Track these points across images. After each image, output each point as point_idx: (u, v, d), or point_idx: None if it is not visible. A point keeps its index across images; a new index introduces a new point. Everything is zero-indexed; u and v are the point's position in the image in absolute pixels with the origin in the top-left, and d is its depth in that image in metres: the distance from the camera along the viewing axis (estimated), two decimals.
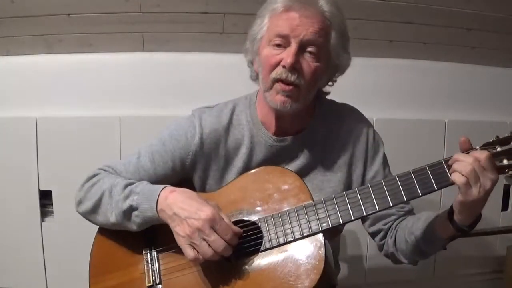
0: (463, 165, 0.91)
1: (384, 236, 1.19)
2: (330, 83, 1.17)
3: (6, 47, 1.79)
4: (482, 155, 0.91)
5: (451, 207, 0.99)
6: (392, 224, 1.17)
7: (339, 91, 1.20)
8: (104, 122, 1.82)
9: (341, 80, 1.18)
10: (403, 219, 1.16)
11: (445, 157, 0.96)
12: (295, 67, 1.03)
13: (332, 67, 1.11)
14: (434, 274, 2.13)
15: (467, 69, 2.15)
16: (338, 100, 1.25)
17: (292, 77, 1.03)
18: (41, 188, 1.79)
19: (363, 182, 1.18)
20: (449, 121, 2.09)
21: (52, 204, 1.81)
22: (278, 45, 1.04)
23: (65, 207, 1.76)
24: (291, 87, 1.04)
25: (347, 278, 1.94)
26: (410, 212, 1.18)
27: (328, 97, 1.22)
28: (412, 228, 1.10)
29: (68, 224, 1.77)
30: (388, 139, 1.26)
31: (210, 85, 1.88)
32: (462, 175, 0.91)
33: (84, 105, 1.83)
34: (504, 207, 2.19)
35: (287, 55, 1.02)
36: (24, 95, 1.81)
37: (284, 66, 1.03)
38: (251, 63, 1.16)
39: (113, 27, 1.78)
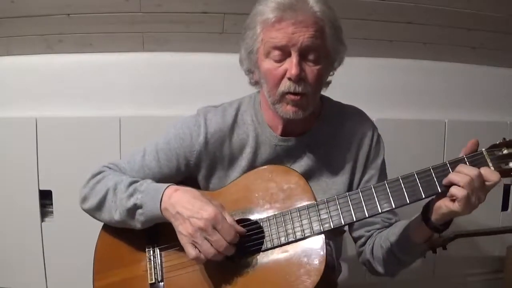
0: (462, 176, 0.90)
1: (364, 243, 1.19)
2: (331, 73, 1.16)
3: (6, 47, 1.79)
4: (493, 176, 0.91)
5: (426, 205, 0.99)
6: (374, 232, 1.17)
7: (340, 90, 1.19)
8: (104, 122, 1.81)
9: (341, 80, 1.17)
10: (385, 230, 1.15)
11: (449, 160, 0.95)
12: (300, 77, 1.02)
13: (332, 62, 1.10)
14: (434, 274, 2.13)
15: (467, 69, 2.15)
16: (338, 100, 1.25)
17: (299, 88, 1.03)
18: (41, 188, 1.79)
19: (359, 184, 1.17)
20: (449, 121, 2.08)
21: (52, 204, 1.81)
22: (279, 57, 1.03)
23: (65, 207, 1.77)
24: (299, 96, 1.04)
25: (348, 278, 1.93)
26: None
27: (329, 97, 1.22)
28: (388, 234, 1.10)
29: (68, 224, 1.77)
30: (388, 139, 1.25)
31: (210, 85, 1.88)
32: (462, 187, 0.90)
33: (84, 105, 1.83)
34: (504, 207, 2.18)
35: (291, 67, 1.01)
36: (24, 95, 1.80)
37: (290, 79, 1.02)
38: (248, 71, 1.14)
39: (113, 27, 1.78)
